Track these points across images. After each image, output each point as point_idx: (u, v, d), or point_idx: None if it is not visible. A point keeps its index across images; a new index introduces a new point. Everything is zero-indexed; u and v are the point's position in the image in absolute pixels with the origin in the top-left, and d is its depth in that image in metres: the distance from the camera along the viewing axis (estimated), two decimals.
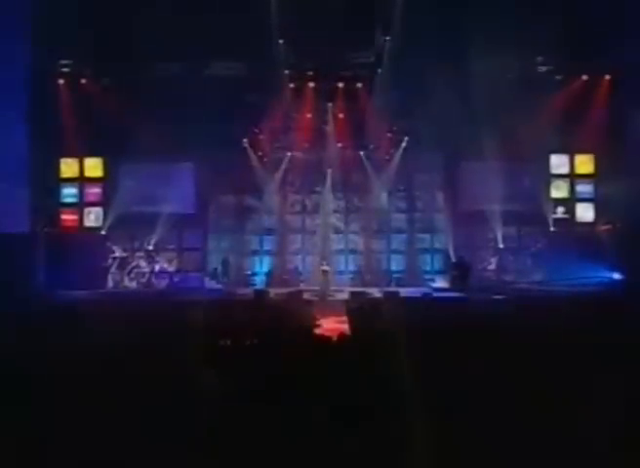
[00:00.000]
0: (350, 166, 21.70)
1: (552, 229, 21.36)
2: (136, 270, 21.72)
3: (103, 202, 21.37)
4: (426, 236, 22.22)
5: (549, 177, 21.64)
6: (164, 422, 3.98)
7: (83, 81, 20.56)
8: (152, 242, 21.35)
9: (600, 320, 8.27)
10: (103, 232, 21.27)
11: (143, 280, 21.69)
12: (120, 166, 21.14)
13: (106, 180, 21.38)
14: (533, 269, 21.57)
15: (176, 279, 21.38)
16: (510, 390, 4.29)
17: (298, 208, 22.44)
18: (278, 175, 21.64)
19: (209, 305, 14.46)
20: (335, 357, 5.47)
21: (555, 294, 16.10)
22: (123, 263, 21.67)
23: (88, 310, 11.92)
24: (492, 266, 21.81)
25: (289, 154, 21.62)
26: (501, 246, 21.41)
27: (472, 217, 20.81)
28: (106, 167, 21.35)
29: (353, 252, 22.25)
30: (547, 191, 21.54)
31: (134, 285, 21.63)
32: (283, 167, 21.59)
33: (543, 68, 20.59)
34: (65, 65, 20.51)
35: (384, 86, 20.23)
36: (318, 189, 22.09)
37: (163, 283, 21.58)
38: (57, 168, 21.29)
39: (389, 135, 21.30)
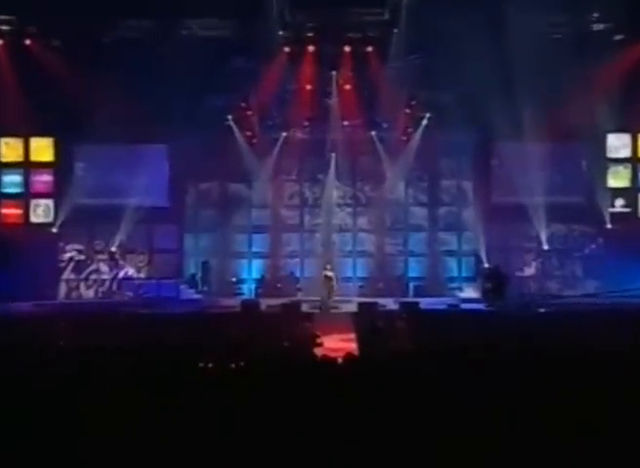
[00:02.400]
0: (359, 149, 21.67)
1: (609, 226, 21.33)
2: (95, 276, 21.73)
3: (55, 192, 21.36)
4: (452, 235, 22.21)
5: (606, 162, 21.59)
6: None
7: (27, 42, 20.49)
8: (116, 242, 21.35)
9: None
10: (55, 229, 21.27)
11: (103, 288, 21.71)
12: (75, 148, 21.12)
13: (58, 166, 21.36)
14: (585, 277, 21.54)
15: (141, 291, 21.35)
16: (562, 433, 4.27)
17: (295, 200, 22.43)
18: (271, 160, 21.60)
19: (186, 320, 14.53)
20: (340, 383, 5.48)
21: (614, 310, 16.01)
22: (79, 268, 21.68)
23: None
24: (532, 273, 21.81)
25: (284, 134, 21.58)
26: (545, 247, 21.37)
27: (509, 212, 20.75)
28: (58, 149, 21.33)
29: (363, 254, 22.24)
30: (603, 179, 21.50)
31: (91, 294, 21.65)
32: (277, 149, 21.56)
33: (600, 26, 20.50)
34: (5, 22, 20.46)
35: (401, 50, 20.20)
36: (320, 177, 22.08)
37: (128, 292, 21.57)
38: None
39: (407, 110, 21.27)
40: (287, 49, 20.69)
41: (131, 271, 21.82)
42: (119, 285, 21.69)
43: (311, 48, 20.76)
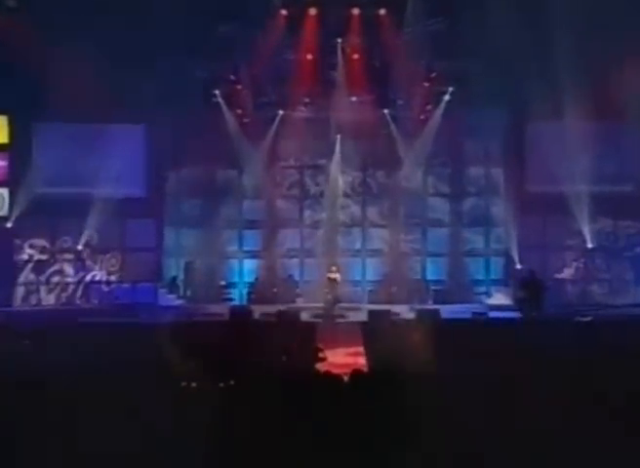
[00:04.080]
0: (369, 129, 21.70)
1: None
2: (57, 279, 21.77)
3: (9, 180, 21.36)
4: (479, 232, 22.26)
5: None
6: None
7: None
8: (83, 238, 21.40)
9: None
10: (10, 224, 21.29)
11: (67, 293, 21.73)
12: (34, 127, 21.14)
13: (14, 148, 21.36)
14: (635, 282, 21.55)
15: (112, 296, 21.39)
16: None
17: (294, 190, 22.50)
18: (265, 143, 21.68)
19: (166, 330, 14.55)
20: (346, 404, 5.47)
21: None
22: (39, 269, 21.70)
23: None
24: (573, 275, 21.80)
25: (280, 112, 21.64)
26: (589, 245, 21.40)
27: (547, 204, 20.76)
28: (13, 128, 21.32)
29: (373, 253, 22.30)
30: None
31: (53, 300, 21.68)
32: (272, 131, 21.63)
33: None
34: None
35: (419, 12, 20.21)
36: (323, 163, 22.12)
37: (97, 298, 21.64)
38: None
39: (426, 84, 21.30)
40: (284, 12, 20.72)
41: (100, 273, 21.85)
42: (86, 289, 21.74)
43: (313, 11, 20.78)
